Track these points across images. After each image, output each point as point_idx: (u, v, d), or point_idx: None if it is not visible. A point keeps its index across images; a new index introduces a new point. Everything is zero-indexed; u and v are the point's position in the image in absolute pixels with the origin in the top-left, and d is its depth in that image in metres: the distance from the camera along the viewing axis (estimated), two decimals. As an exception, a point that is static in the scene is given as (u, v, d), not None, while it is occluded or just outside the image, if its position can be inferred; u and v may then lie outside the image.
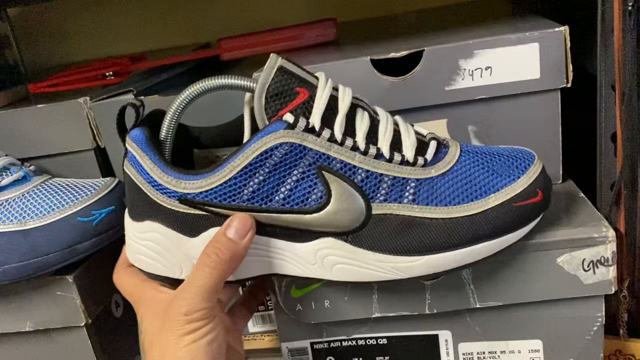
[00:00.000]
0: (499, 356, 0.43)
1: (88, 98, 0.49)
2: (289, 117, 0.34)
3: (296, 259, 0.38)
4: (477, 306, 0.41)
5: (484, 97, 0.43)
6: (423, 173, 0.36)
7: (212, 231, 0.36)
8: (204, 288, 0.35)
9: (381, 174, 0.35)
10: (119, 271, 0.41)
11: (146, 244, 0.38)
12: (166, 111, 0.38)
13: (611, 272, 0.39)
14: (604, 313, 0.41)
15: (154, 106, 0.48)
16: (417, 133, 0.38)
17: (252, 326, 0.55)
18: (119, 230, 0.47)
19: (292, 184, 0.35)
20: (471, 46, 0.43)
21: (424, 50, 0.43)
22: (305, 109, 0.35)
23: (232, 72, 0.56)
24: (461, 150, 0.38)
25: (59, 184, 0.47)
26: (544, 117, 0.44)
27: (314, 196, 0.35)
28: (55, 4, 0.77)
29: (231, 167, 0.35)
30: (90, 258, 0.48)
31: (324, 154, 0.35)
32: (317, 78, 0.36)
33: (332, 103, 0.36)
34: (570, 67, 0.42)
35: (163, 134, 0.38)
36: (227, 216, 0.36)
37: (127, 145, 0.37)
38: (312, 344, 0.46)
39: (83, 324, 0.47)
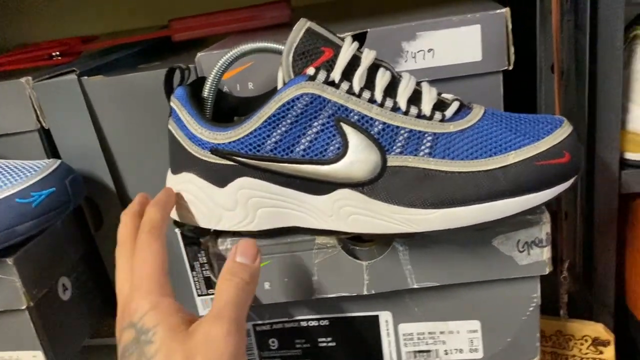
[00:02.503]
0: (438, 336, 0.44)
1: (30, 78, 0.48)
2: (310, 71, 0.36)
3: (315, 211, 0.39)
4: (415, 286, 0.41)
5: (427, 79, 0.43)
6: (441, 127, 0.37)
7: (238, 181, 0.39)
8: (233, 300, 0.34)
9: (398, 127, 0.36)
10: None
11: (182, 194, 0.41)
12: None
13: (545, 253, 0.39)
14: (539, 294, 0.41)
15: (98, 86, 0.48)
16: (440, 95, 0.39)
17: (203, 309, 0.55)
18: (60, 212, 0.46)
19: (313, 135, 0.37)
20: (413, 28, 0.42)
21: (367, 31, 0.43)
22: (328, 65, 0.37)
23: (183, 53, 0.56)
24: (485, 112, 0.38)
25: (-2, 166, 0.46)
26: (486, 99, 0.44)
27: (332, 147, 0.37)
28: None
29: (257, 118, 0.37)
30: (33, 240, 0.47)
31: (342, 105, 0.36)
32: (343, 40, 0.38)
33: (354, 60, 0.37)
34: (512, 50, 0.42)
35: (206, 92, 0.41)
36: (252, 167, 0.38)
37: (171, 103, 0.41)
38: (254, 325, 0.46)
39: (24, 307, 0.46)
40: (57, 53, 0.54)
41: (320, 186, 0.38)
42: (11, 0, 0.77)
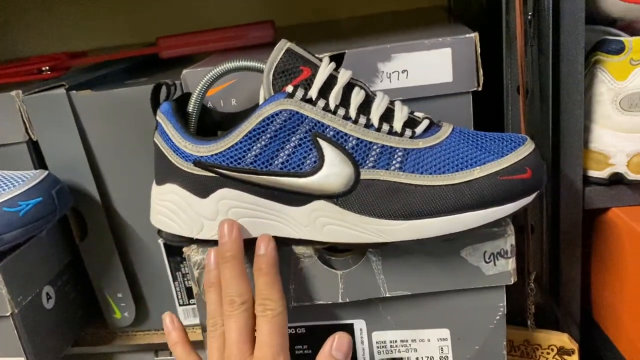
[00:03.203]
0: (410, 344, 0.45)
1: (20, 91, 0.50)
2: (289, 89, 0.39)
3: (292, 221, 0.41)
4: (387, 295, 0.43)
5: (400, 98, 0.46)
6: (410, 143, 0.39)
7: (219, 192, 0.41)
8: None
9: (370, 142, 0.39)
10: None
11: (165, 204, 0.43)
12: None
13: (510, 264, 0.41)
14: (505, 303, 0.43)
15: (86, 100, 0.50)
16: (412, 114, 0.41)
17: (184, 319, 0.57)
18: (46, 221, 0.47)
19: (291, 149, 0.39)
20: (389, 50, 0.45)
21: (344, 52, 0.45)
22: (307, 84, 0.39)
23: (170, 70, 0.58)
24: (453, 130, 0.40)
25: (-14, 175, 0.48)
26: (457, 118, 0.47)
27: (308, 161, 0.39)
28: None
29: (238, 132, 0.39)
30: (18, 248, 0.48)
31: (319, 121, 0.38)
32: (321, 60, 0.40)
33: (331, 80, 0.40)
34: (481, 72, 0.45)
35: (190, 107, 0.44)
36: (233, 178, 0.40)
37: (157, 117, 0.43)
38: (233, 333, 0.47)
39: (8, 313, 0.47)
40: (47, 68, 0.55)
41: (297, 197, 0.40)
42: (1, 16, 0.79)
